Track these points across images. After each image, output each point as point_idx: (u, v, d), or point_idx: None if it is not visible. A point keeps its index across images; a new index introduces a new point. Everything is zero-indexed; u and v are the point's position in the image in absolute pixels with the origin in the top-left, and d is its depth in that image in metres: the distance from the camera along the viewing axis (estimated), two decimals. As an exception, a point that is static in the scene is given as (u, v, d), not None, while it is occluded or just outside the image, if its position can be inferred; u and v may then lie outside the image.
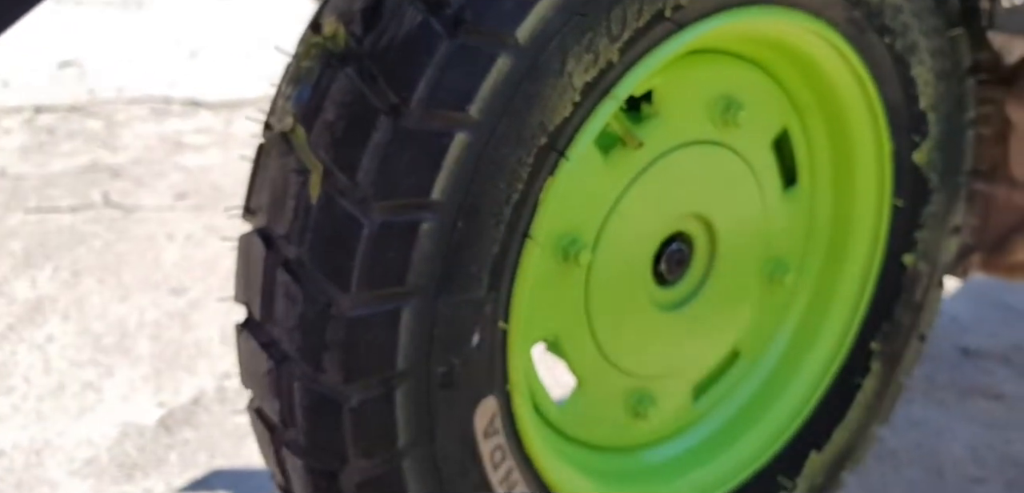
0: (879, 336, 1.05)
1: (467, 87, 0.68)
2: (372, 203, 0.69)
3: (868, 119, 0.96)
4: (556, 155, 0.75)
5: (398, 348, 0.72)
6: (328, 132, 0.69)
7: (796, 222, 1.02)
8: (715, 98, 0.90)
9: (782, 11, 0.84)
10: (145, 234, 2.18)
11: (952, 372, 1.59)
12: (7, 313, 1.85)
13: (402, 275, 0.70)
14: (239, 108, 3.11)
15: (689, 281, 0.97)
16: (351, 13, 0.70)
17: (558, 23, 0.70)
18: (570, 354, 0.92)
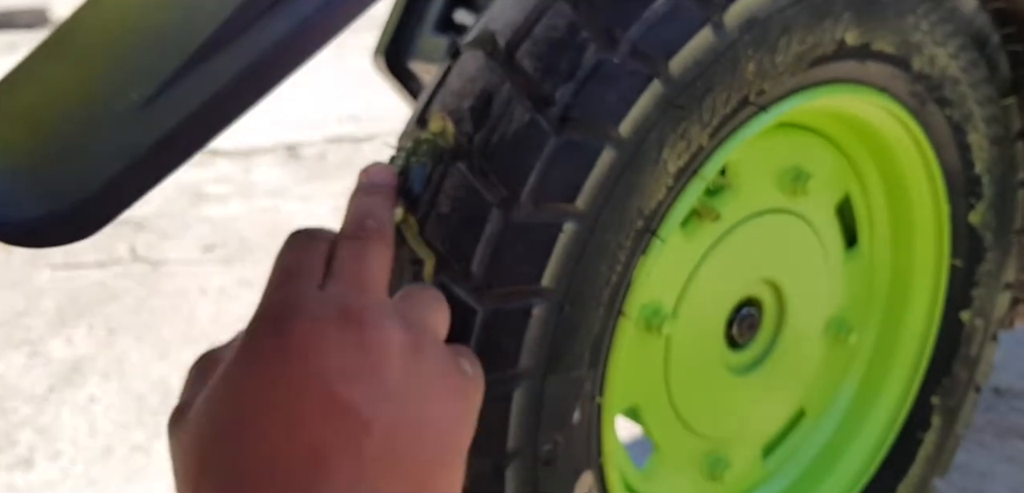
0: (939, 390, 1.09)
1: (574, 180, 0.71)
2: (485, 291, 0.71)
3: (927, 183, 1.00)
4: (650, 235, 0.79)
5: (509, 429, 0.74)
6: (442, 223, 0.72)
7: (858, 283, 1.06)
8: (785, 169, 0.94)
9: (851, 87, 0.88)
10: (177, 289, 2.20)
11: (988, 412, 1.62)
12: (46, 374, 1.86)
13: (514, 359, 0.73)
14: (256, 156, 3.14)
15: (759, 344, 1.00)
16: (461, 111, 0.73)
17: (656, 115, 0.73)
18: (649, 421, 0.94)
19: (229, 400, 0.46)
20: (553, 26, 0.74)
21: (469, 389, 0.55)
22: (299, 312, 0.48)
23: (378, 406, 0.46)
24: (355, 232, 0.56)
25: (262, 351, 0.47)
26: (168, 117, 0.47)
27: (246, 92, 0.50)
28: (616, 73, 0.72)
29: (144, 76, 0.50)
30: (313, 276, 0.51)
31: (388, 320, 0.50)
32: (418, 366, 0.49)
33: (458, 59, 0.77)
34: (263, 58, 0.50)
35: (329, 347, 0.46)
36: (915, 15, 0.87)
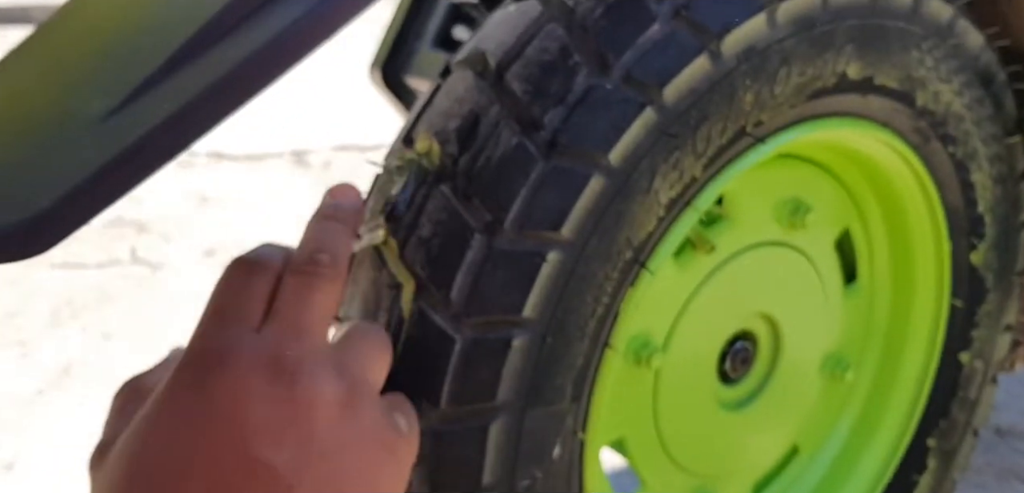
0: (936, 432, 1.06)
1: (561, 208, 0.69)
2: (464, 319, 0.69)
3: (928, 221, 0.98)
4: (639, 267, 0.77)
5: (485, 464, 0.72)
6: (423, 248, 0.70)
7: (856, 320, 1.04)
8: (784, 201, 0.92)
9: (853, 122, 0.86)
10: (175, 293, 2.19)
11: (987, 454, 1.59)
12: (35, 377, 1.85)
13: (492, 391, 0.71)
14: (264, 161, 3.13)
15: (753, 379, 0.98)
16: (446, 132, 0.71)
17: (648, 144, 0.72)
18: (636, 454, 0.92)
19: (145, 453, 0.44)
20: (545, 48, 0.72)
21: (402, 448, 0.52)
22: (227, 362, 0.45)
23: (303, 467, 0.44)
24: (304, 267, 0.53)
25: (183, 403, 0.45)
26: (128, 132, 0.45)
27: (213, 108, 0.48)
28: (608, 99, 0.70)
29: (109, 87, 0.48)
30: (249, 318, 0.48)
31: (322, 372, 0.47)
32: (350, 423, 0.47)
33: (448, 78, 0.75)
34: (233, 72, 0.48)
35: (254, 402, 0.44)
36: (919, 50, 0.85)
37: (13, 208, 0.43)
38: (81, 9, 0.60)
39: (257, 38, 0.49)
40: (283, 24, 0.49)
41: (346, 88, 3.71)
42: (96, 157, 0.44)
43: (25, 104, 0.51)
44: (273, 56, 0.49)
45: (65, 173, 0.44)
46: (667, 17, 0.71)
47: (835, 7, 0.78)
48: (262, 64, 0.49)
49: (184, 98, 0.47)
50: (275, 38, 0.49)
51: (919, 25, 0.84)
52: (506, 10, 0.76)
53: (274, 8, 0.50)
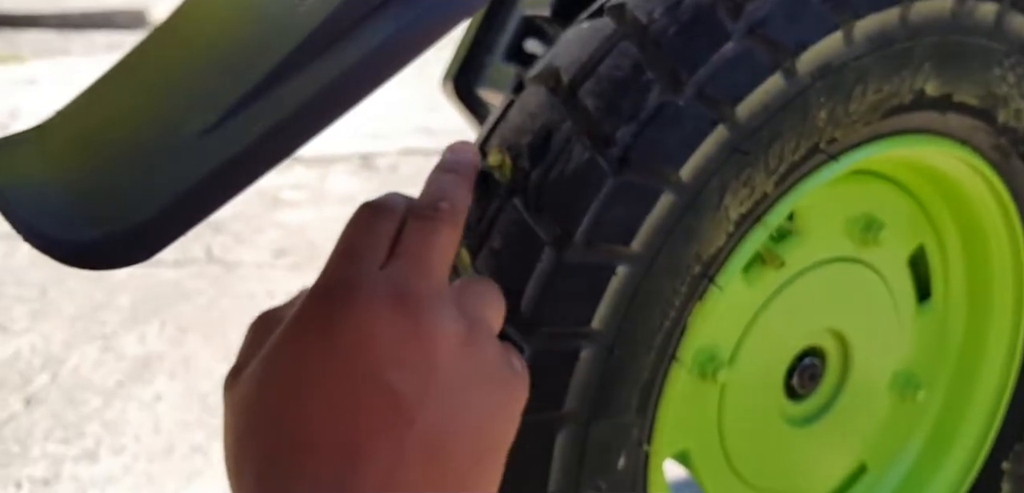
0: (1011, 456, 1.03)
1: (630, 222, 0.70)
2: (533, 330, 0.71)
3: (1007, 239, 0.96)
4: (707, 281, 0.77)
5: (551, 473, 0.73)
6: (494, 259, 0.72)
7: (929, 338, 1.02)
8: (856, 217, 0.91)
9: (930, 139, 0.85)
10: (247, 291, 2.26)
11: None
12: (116, 369, 1.92)
13: (559, 401, 0.72)
14: (333, 164, 3.20)
15: (821, 396, 0.97)
16: (519, 146, 0.73)
17: (719, 161, 0.72)
18: (700, 468, 0.92)
19: (274, 375, 0.46)
20: (618, 65, 0.73)
21: (517, 387, 0.52)
22: (355, 293, 0.47)
23: (425, 398, 0.45)
24: (426, 212, 0.54)
25: (313, 330, 0.46)
26: (226, 147, 0.48)
27: (305, 124, 0.50)
28: (680, 116, 0.71)
29: (207, 103, 0.51)
30: (375, 255, 0.50)
31: (445, 308, 0.48)
32: (470, 359, 0.48)
33: (521, 93, 0.77)
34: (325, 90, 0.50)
35: (381, 332, 0.45)
36: (1001, 67, 0.83)
37: (117, 218, 0.45)
38: (178, 26, 0.63)
39: (348, 57, 0.51)
40: (373, 44, 0.51)
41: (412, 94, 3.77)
42: (195, 171, 0.46)
43: (129, 118, 0.54)
44: (362, 75, 0.51)
45: (165, 186, 0.46)
46: (742, 34, 0.71)
47: (914, 24, 0.77)
48: (352, 82, 0.51)
49: (278, 115, 0.49)
50: (365, 57, 0.50)
51: (1001, 41, 0.83)
52: (580, 27, 0.77)
53: (364, 28, 0.52)
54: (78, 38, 5.48)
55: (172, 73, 0.56)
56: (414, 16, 0.50)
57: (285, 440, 0.44)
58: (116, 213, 0.46)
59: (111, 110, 0.55)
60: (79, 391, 1.81)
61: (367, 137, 3.48)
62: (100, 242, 0.45)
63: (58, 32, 5.64)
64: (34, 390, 1.82)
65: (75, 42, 5.37)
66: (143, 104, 0.54)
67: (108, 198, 0.48)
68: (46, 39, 5.38)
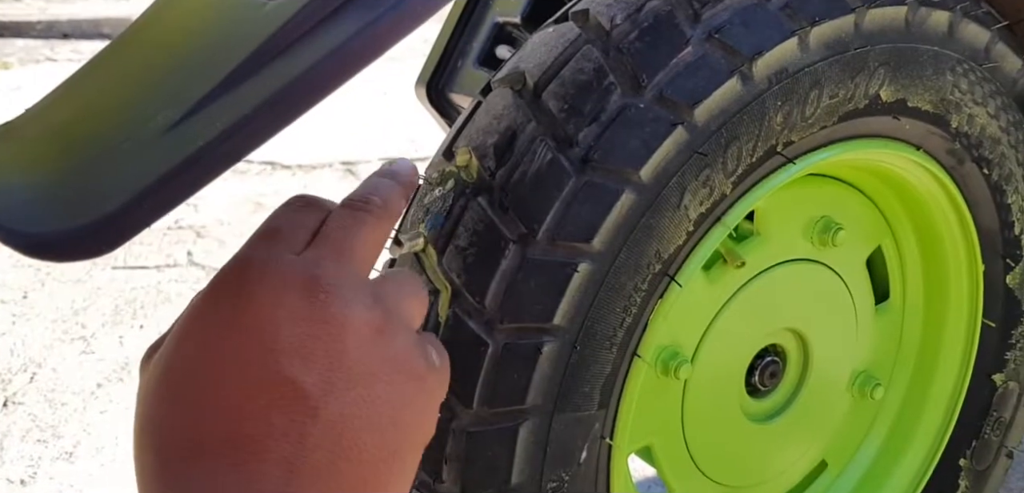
0: (968, 453, 1.06)
1: (592, 220, 0.72)
2: (498, 325, 0.73)
3: (962, 243, 0.99)
4: (668, 279, 0.79)
5: (514, 464, 0.75)
6: (460, 256, 0.74)
7: (887, 338, 1.05)
8: (815, 219, 0.93)
9: (886, 143, 0.87)
10: (227, 295, 2.25)
11: (1031, 478, 1.57)
12: (95, 371, 1.93)
13: (522, 394, 0.74)
14: (315, 170, 3.21)
15: (781, 393, 1.00)
16: (485, 147, 0.75)
17: (679, 162, 0.74)
18: (663, 463, 0.94)
19: (180, 358, 0.45)
20: (580, 69, 0.75)
21: (432, 380, 0.50)
22: (265, 276, 0.46)
23: (330, 388, 0.43)
24: (354, 204, 0.53)
25: (221, 312, 0.45)
26: (189, 143, 0.49)
27: (266, 122, 0.52)
28: (640, 118, 0.73)
29: (172, 100, 0.52)
30: (294, 240, 0.49)
31: (358, 296, 0.47)
32: (381, 349, 0.46)
33: (488, 95, 0.79)
34: (286, 89, 0.52)
35: (288, 319, 0.44)
36: (954, 74, 0.86)
37: (81, 211, 0.47)
38: (150, 26, 0.65)
39: (308, 58, 0.53)
40: (332, 45, 0.53)
41: (394, 101, 3.78)
42: (158, 166, 0.48)
43: (96, 115, 0.56)
44: (321, 76, 0.52)
45: (129, 180, 0.48)
46: (700, 40, 0.74)
47: (868, 31, 0.79)
48: (311, 82, 0.52)
49: (240, 112, 0.51)
50: (323, 58, 0.52)
51: (954, 49, 0.86)
52: (545, 31, 0.79)
53: (324, 30, 0.54)
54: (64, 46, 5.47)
55: (139, 72, 0.57)
56: (372, 19, 0.52)
57: (182, 436, 0.43)
58: (81, 206, 0.47)
59: (79, 108, 0.56)
60: (58, 392, 1.82)
61: (351, 144, 3.49)
62: (65, 234, 0.47)
63: (45, 40, 5.62)
64: (13, 391, 1.82)
65: (61, 50, 5.36)
66: (110, 101, 0.56)
67: (74, 192, 0.49)
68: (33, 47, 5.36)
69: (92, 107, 0.56)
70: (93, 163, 0.51)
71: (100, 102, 0.56)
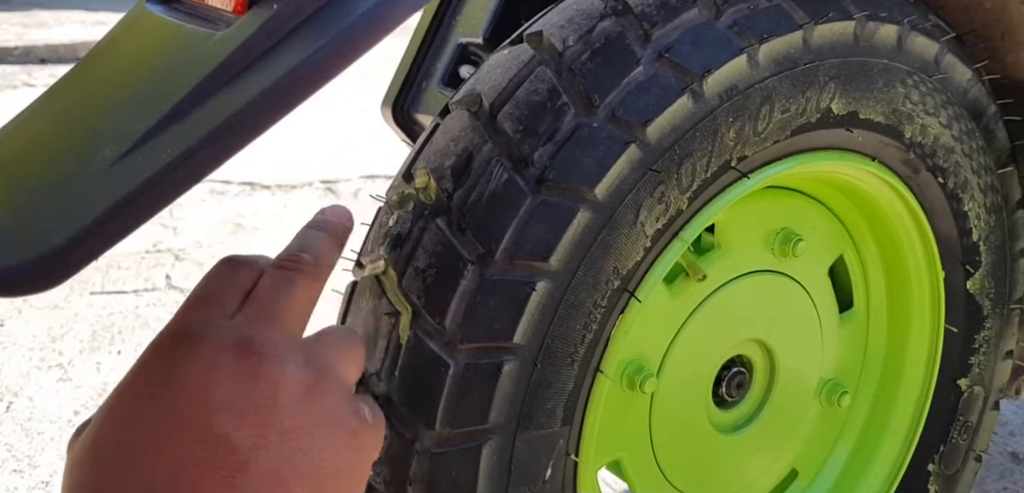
0: (936, 458, 1.07)
1: (549, 239, 0.73)
2: (458, 346, 0.73)
3: (921, 250, 1.00)
4: (628, 295, 0.80)
5: (478, 483, 0.76)
6: (419, 278, 0.75)
7: (852, 345, 1.06)
8: (774, 231, 0.95)
9: (840, 155, 0.89)
10: (206, 319, 2.25)
11: (1003, 479, 1.59)
12: (73, 399, 1.92)
13: (484, 414, 0.75)
14: (295, 190, 3.21)
15: (748, 403, 1.01)
16: (443, 168, 0.76)
17: (634, 179, 0.75)
18: (633, 477, 0.95)
19: (110, 427, 0.45)
20: (534, 90, 0.76)
21: (365, 435, 0.51)
22: (197, 340, 0.47)
23: (261, 444, 0.45)
24: (285, 263, 0.55)
25: (151, 380, 0.46)
26: (135, 176, 0.50)
27: (215, 151, 0.53)
28: (593, 137, 0.74)
29: (120, 133, 0.53)
30: (225, 304, 0.50)
31: (289, 356, 0.49)
32: (312, 406, 0.48)
33: (445, 117, 0.80)
34: (230, 120, 0.53)
35: (219, 378, 0.45)
36: (904, 86, 0.88)
37: (28, 246, 0.47)
38: (101, 59, 0.65)
39: (254, 87, 0.53)
40: (278, 74, 0.54)
41: (374, 119, 3.80)
42: (104, 199, 0.49)
43: (44, 150, 0.57)
44: (267, 104, 0.53)
45: (76, 214, 0.48)
46: (650, 59, 0.75)
47: (817, 46, 0.81)
48: (257, 111, 0.53)
49: (186, 143, 0.51)
50: (270, 87, 0.53)
51: (904, 61, 0.87)
52: (500, 53, 0.80)
53: (270, 59, 0.54)
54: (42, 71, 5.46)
55: (88, 105, 0.58)
56: (316, 49, 0.53)
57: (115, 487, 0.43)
58: (27, 242, 0.48)
59: (27, 143, 0.57)
60: (34, 421, 1.81)
61: (330, 163, 3.50)
62: (11, 270, 0.47)
63: (22, 66, 5.61)
64: (-11, 422, 1.81)
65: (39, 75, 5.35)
66: (59, 136, 0.56)
67: (22, 227, 0.50)
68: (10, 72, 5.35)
69: (41, 142, 0.57)
70: (40, 198, 0.51)
71: (49, 137, 0.57)
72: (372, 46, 0.54)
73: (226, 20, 0.57)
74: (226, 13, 0.58)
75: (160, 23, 0.62)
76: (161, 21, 0.62)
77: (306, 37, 0.54)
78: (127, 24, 0.66)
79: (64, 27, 6.30)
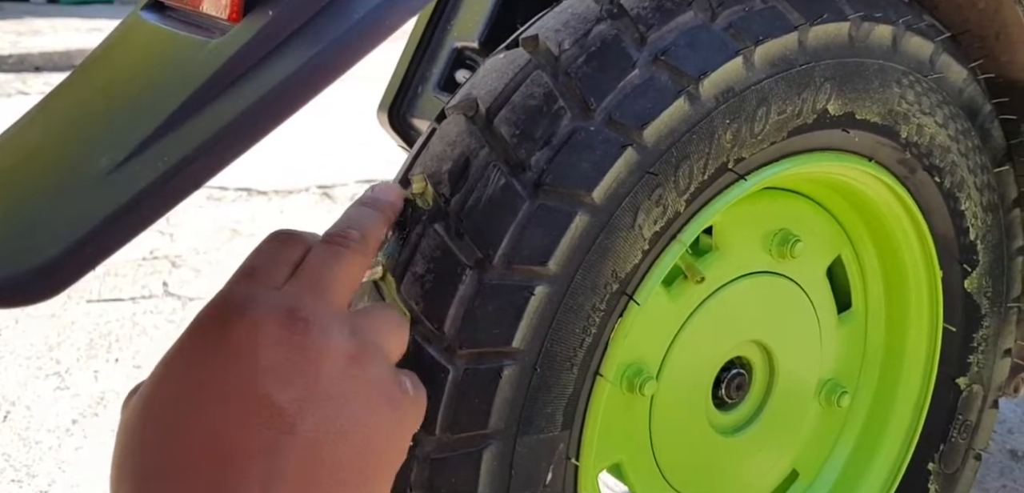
0: (936, 456, 1.07)
1: (547, 243, 0.73)
2: (457, 351, 0.73)
3: (919, 249, 1.00)
4: (626, 298, 0.80)
5: (478, 488, 0.76)
6: (418, 284, 0.74)
7: (851, 346, 1.06)
8: (772, 232, 0.95)
9: (837, 155, 0.89)
10: (203, 326, 2.24)
11: (1003, 477, 1.59)
12: (71, 407, 1.91)
13: (484, 419, 0.75)
14: (292, 195, 3.21)
15: (749, 405, 1.01)
16: (440, 174, 0.75)
17: (631, 182, 0.75)
18: (633, 479, 0.95)
19: (161, 389, 0.47)
20: (531, 94, 0.76)
21: (406, 407, 0.53)
22: (245, 310, 0.48)
23: (305, 408, 0.46)
24: (334, 238, 0.56)
25: (200, 344, 0.48)
26: (130, 185, 0.50)
27: (210, 160, 0.53)
28: (590, 141, 0.74)
29: (116, 142, 0.53)
30: (273, 277, 0.52)
31: (335, 326, 0.50)
32: (356, 376, 0.49)
33: (442, 122, 0.80)
34: (229, 126, 0.53)
35: (266, 345, 0.47)
36: (900, 86, 0.88)
37: (24, 257, 0.47)
38: (96, 68, 0.65)
39: (248, 96, 0.53)
40: (271, 83, 0.54)
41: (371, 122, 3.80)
42: (100, 209, 0.49)
43: (40, 160, 0.57)
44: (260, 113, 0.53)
45: (72, 224, 0.48)
46: (646, 62, 0.75)
47: (812, 48, 0.81)
48: (251, 120, 0.53)
49: (182, 152, 0.51)
50: (263, 97, 0.53)
51: (899, 62, 0.87)
52: (496, 57, 0.80)
53: (263, 69, 0.54)
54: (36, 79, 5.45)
55: (84, 115, 0.58)
56: (311, 56, 0.53)
57: (160, 458, 0.45)
58: (24, 253, 0.48)
59: (24, 152, 0.57)
60: (32, 430, 1.80)
61: (327, 168, 3.50)
62: (8, 281, 0.47)
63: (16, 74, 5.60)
64: (-13, 432, 1.81)
65: (33, 83, 5.34)
66: (54, 146, 0.56)
67: (17, 238, 0.50)
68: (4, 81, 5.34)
69: (36, 151, 0.57)
70: (36, 209, 0.51)
71: (44, 146, 0.57)
72: (367, 53, 0.54)
73: (221, 28, 0.57)
74: (221, 21, 0.58)
75: (155, 31, 0.62)
76: (156, 29, 0.62)
77: (301, 44, 0.54)
78: (122, 33, 0.66)
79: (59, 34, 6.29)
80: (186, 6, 0.63)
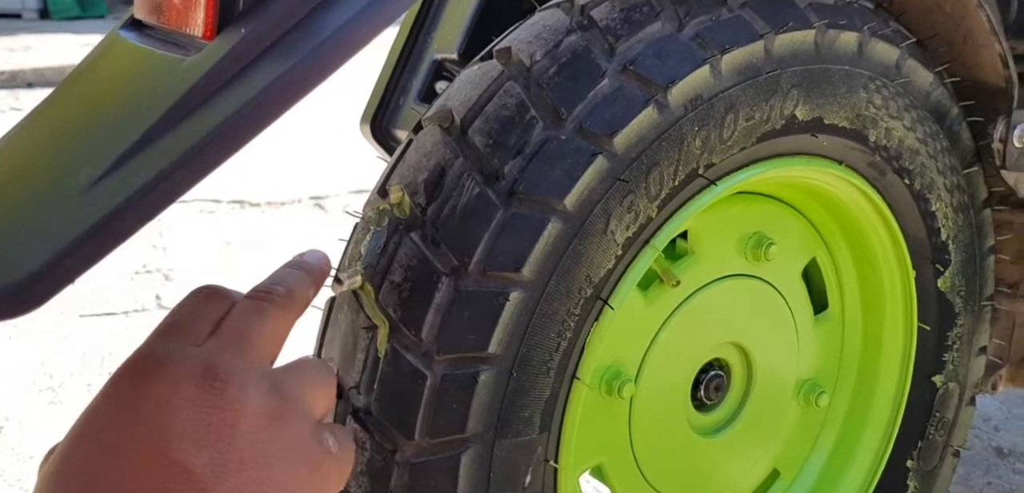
0: (914, 454, 1.09)
1: (521, 250, 0.75)
2: (435, 357, 0.75)
3: (892, 250, 1.02)
4: (601, 303, 0.82)
5: (458, 492, 0.77)
6: (395, 292, 0.76)
7: (828, 346, 1.08)
8: (747, 235, 0.96)
9: (807, 160, 0.90)
10: (196, 338, 2.25)
11: (988, 474, 1.61)
12: (64, 422, 1.92)
13: (462, 424, 0.76)
14: (284, 207, 3.22)
15: (727, 406, 1.02)
16: (416, 184, 0.77)
17: (602, 189, 0.77)
18: (615, 481, 0.97)
19: (78, 451, 0.46)
20: (504, 105, 0.78)
21: (328, 466, 0.52)
22: (162, 367, 0.48)
23: (220, 474, 0.45)
24: (258, 295, 0.56)
25: (116, 402, 0.47)
26: (109, 200, 0.52)
27: (188, 173, 0.54)
28: (562, 150, 0.76)
29: (95, 157, 0.55)
30: (195, 332, 0.51)
31: (254, 382, 0.49)
32: (275, 435, 0.48)
33: (418, 133, 0.82)
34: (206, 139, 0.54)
35: (181, 407, 0.46)
36: (867, 90, 0.90)
37: (3, 271, 0.49)
38: (77, 85, 0.67)
39: (224, 109, 0.55)
40: (247, 97, 0.55)
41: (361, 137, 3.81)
42: (79, 223, 0.50)
43: (19, 176, 0.58)
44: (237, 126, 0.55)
45: (51, 239, 0.50)
46: (616, 72, 0.77)
47: (778, 55, 0.83)
48: (227, 133, 0.55)
49: (159, 166, 0.53)
50: (239, 110, 0.55)
51: (865, 67, 0.89)
52: (471, 69, 0.82)
53: (239, 83, 0.56)
54: (29, 95, 5.47)
55: (64, 131, 0.60)
56: (284, 71, 0.55)
57: None
58: (3, 267, 0.49)
59: (7, 168, 0.58)
60: (26, 445, 1.81)
61: (320, 179, 3.52)
62: (-13, 298, 0.48)
63: (9, 90, 5.62)
64: (-20, 447, 1.82)
65: (26, 100, 5.36)
66: (37, 160, 0.58)
67: (0, 252, 0.51)
68: (-4, 96, 5.37)
69: (18, 167, 0.58)
70: (16, 224, 0.53)
71: (26, 162, 0.59)
72: (336, 68, 0.56)
73: (196, 46, 0.59)
74: (196, 39, 0.59)
75: (132, 50, 0.64)
76: (134, 47, 0.64)
77: (273, 61, 0.56)
78: (101, 51, 0.68)
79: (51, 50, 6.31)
80: (163, 25, 0.64)
